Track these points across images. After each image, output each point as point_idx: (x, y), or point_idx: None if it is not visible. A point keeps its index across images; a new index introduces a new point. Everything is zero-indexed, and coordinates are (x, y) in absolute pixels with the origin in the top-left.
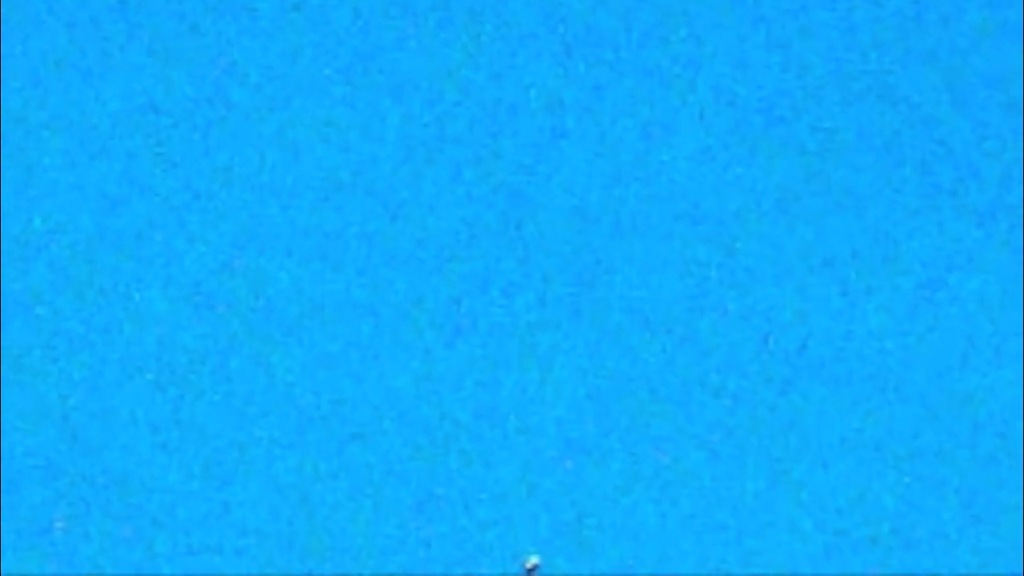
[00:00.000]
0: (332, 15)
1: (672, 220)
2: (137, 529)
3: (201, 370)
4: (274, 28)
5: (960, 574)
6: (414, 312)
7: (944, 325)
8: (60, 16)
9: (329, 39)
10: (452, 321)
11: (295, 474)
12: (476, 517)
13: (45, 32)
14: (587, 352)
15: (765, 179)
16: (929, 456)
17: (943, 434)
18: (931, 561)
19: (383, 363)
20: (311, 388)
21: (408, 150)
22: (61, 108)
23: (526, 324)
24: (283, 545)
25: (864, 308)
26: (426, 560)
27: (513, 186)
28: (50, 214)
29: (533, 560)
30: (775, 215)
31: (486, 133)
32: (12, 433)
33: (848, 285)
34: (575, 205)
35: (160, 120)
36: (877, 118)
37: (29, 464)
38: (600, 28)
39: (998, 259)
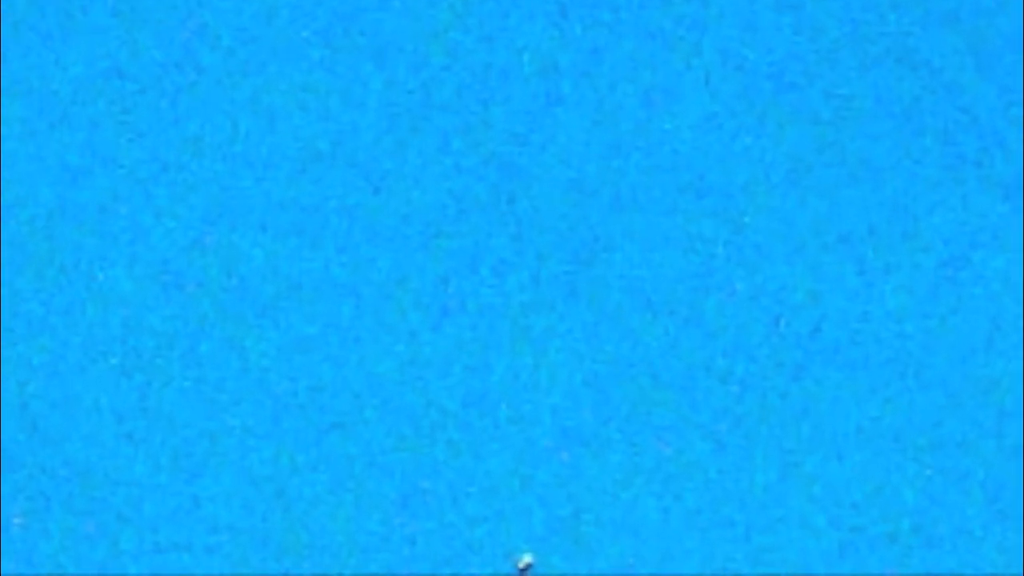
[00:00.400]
0: None
1: (675, 192)
2: (101, 525)
3: (168, 354)
4: None
5: (987, 574)
6: (397, 292)
7: (968, 305)
8: None
9: None
10: (438, 301)
11: (270, 467)
12: (464, 512)
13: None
14: (583, 335)
15: (775, 148)
16: (954, 448)
17: (969, 423)
18: (954, 561)
19: (364, 346)
20: (287, 374)
21: (390, 115)
22: (22, 73)
23: (518, 304)
24: (258, 543)
25: (882, 287)
26: (410, 559)
27: (503, 155)
28: (8, 186)
29: (526, 559)
30: (786, 187)
31: (474, 95)
32: None
33: (865, 262)
34: (570, 175)
35: (125, 84)
36: (897, 82)
37: None
38: None
39: None
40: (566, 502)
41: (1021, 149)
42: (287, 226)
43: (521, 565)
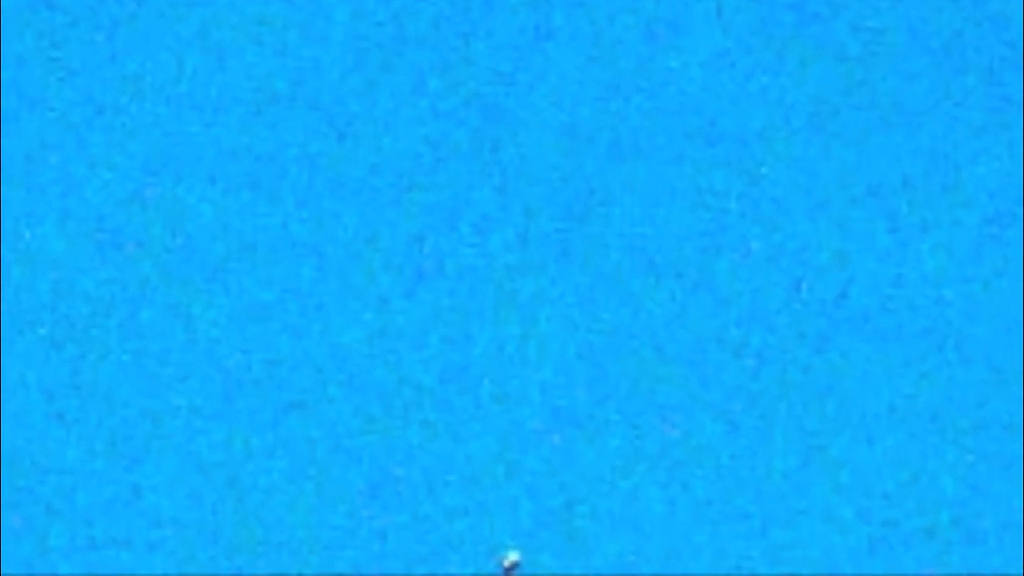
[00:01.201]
0: None
1: (682, 140)
2: (29, 519)
3: (105, 322)
4: None
5: None
6: (369, 250)
7: (1011, 267)
8: None
9: None
10: (414, 261)
11: (222, 452)
12: (442, 504)
13: None
14: (576, 301)
15: (793, 88)
16: (995, 429)
17: (1010, 400)
18: (998, 558)
19: (329, 313)
20: (240, 346)
21: (356, 45)
22: None
23: (503, 266)
24: (210, 537)
25: (918, 246)
26: (380, 557)
27: (490, 96)
28: None
29: (512, 557)
30: (806, 134)
31: (459, 31)
32: None
33: (898, 218)
34: (564, 121)
35: (69, 32)
36: (924, 17)
37: None
38: None
39: None
40: (558, 492)
41: None
42: (236, 174)
43: (506, 564)
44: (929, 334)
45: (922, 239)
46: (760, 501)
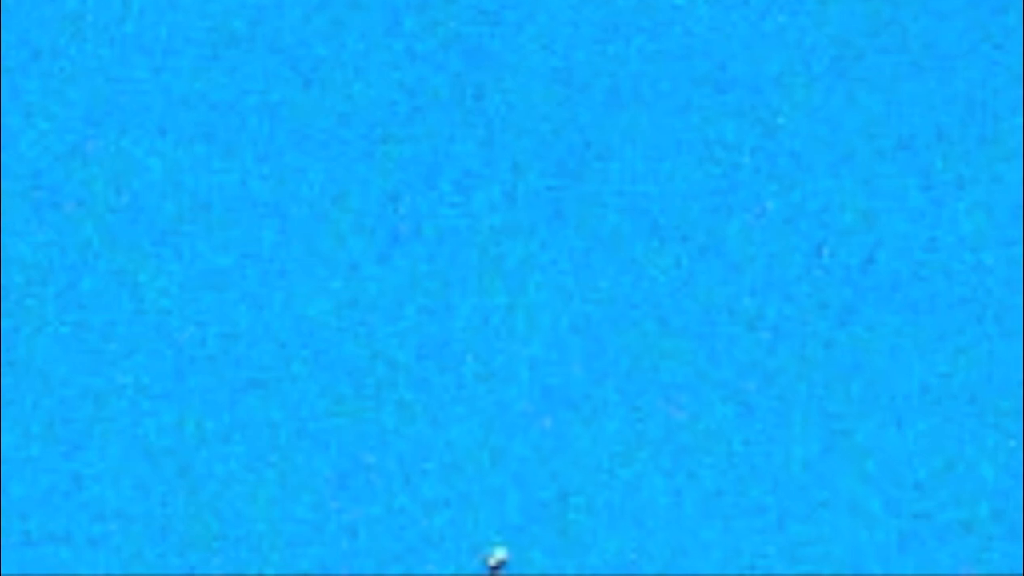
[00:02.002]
0: None
1: (687, 84)
2: None
3: (42, 292)
4: None
5: None
6: (336, 210)
7: None
8: None
9: None
10: (387, 223)
11: (171, 437)
12: (419, 496)
13: None
14: (571, 267)
15: (813, 24)
16: None
17: None
18: None
19: (292, 281)
20: (192, 317)
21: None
22: None
23: (487, 228)
24: (158, 533)
25: (951, 205)
26: (349, 556)
27: (471, 33)
28: None
29: (498, 555)
30: (828, 76)
31: None
32: None
33: (931, 173)
34: (554, 63)
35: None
36: None
37: None
38: None
39: None
40: (548, 482)
41: None
42: (187, 123)
43: (492, 562)
44: (967, 304)
45: (960, 196)
46: (776, 494)
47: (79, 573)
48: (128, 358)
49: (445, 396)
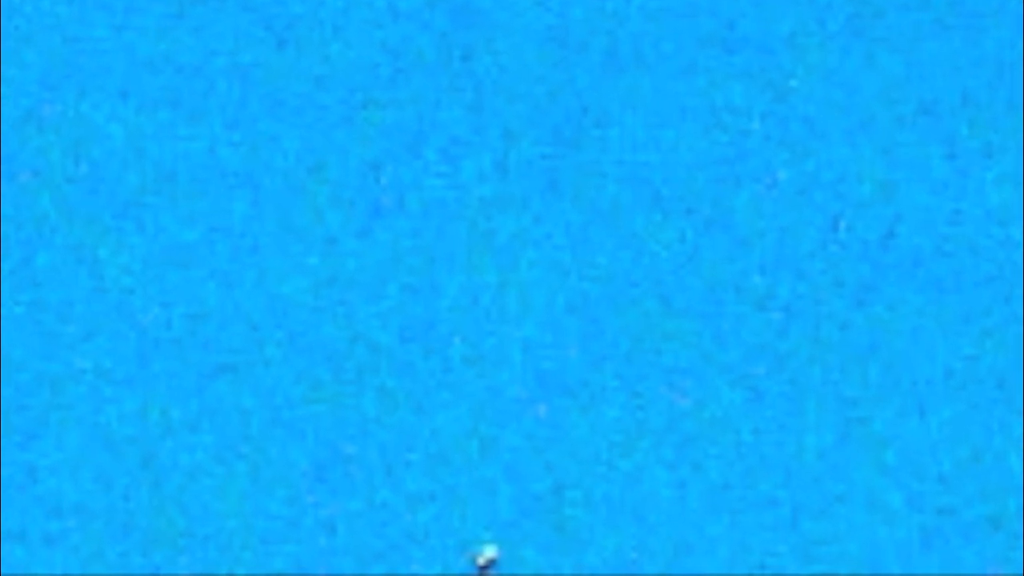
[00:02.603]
0: None
1: (692, 47)
2: None
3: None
4: None
5: None
6: (316, 180)
7: None
8: None
9: None
10: (371, 194)
11: (135, 424)
12: (404, 490)
13: None
14: (568, 241)
15: None
16: None
17: None
18: None
19: (267, 256)
20: (160, 296)
21: None
22: None
23: (479, 200)
24: (120, 529)
25: (974, 175)
26: (329, 553)
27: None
28: None
29: (488, 553)
30: (841, 39)
31: None
32: None
33: (951, 142)
34: (550, 26)
35: None
36: None
37: None
38: None
39: None
40: (542, 475)
41: None
42: (159, 89)
43: (481, 561)
44: (992, 282)
45: (986, 165)
46: (786, 488)
47: (41, 572)
48: (88, 340)
49: (430, 382)
